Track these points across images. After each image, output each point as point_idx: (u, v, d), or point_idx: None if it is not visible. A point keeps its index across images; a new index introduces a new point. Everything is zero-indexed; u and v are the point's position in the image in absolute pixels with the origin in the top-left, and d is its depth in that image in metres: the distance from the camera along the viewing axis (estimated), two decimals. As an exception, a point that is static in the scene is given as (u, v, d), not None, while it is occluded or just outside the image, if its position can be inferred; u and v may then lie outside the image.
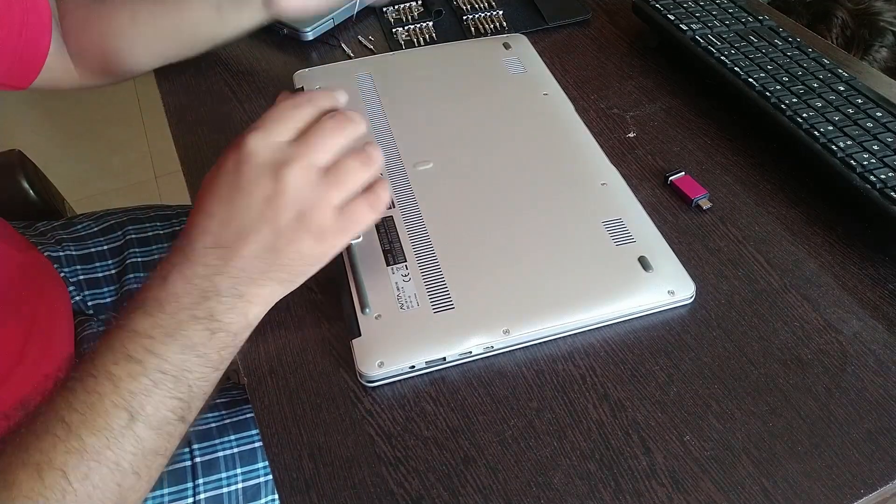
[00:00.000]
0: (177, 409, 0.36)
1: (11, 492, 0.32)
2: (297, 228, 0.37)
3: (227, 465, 0.57)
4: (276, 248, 0.37)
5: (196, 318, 0.36)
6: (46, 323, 0.58)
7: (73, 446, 0.33)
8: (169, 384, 0.36)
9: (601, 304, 0.46)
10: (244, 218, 0.37)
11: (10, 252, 0.58)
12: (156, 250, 0.73)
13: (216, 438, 0.58)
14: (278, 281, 0.39)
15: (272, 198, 0.37)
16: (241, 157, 0.37)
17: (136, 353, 0.35)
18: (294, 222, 0.37)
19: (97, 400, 0.34)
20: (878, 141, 0.53)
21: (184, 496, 0.56)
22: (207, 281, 0.37)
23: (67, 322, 0.63)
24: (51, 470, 0.32)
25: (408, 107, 0.59)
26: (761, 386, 0.43)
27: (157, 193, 1.75)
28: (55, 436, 0.33)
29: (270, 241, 0.37)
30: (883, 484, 0.39)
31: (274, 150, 0.37)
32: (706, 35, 0.65)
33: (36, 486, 0.32)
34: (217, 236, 0.37)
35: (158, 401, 0.35)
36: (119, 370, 0.35)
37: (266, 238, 0.37)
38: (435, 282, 0.47)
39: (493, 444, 0.41)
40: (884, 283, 0.49)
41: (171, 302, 0.36)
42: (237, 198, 0.37)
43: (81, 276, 0.69)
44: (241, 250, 0.37)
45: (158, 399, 0.35)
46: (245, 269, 0.37)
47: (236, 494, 0.57)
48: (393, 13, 0.75)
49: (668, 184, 0.56)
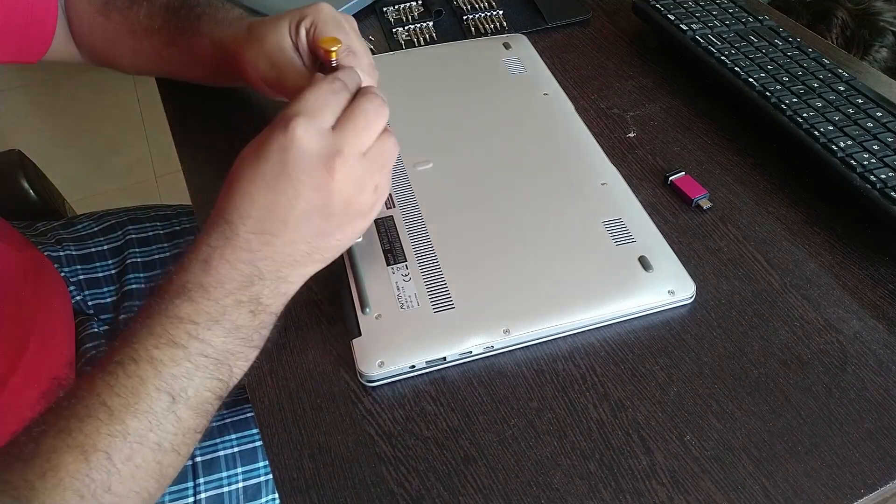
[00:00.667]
0: (216, 388, 0.37)
1: (58, 474, 0.32)
2: (345, 213, 0.38)
3: (227, 465, 0.57)
4: (323, 233, 0.38)
5: (240, 303, 0.37)
6: (46, 321, 0.58)
7: (116, 430, 0.33)
8: (210, 367, 0.36)
9: (601, 304, 0.46)
10: (292, 206, 0.37)
11: (10, 250, 0.58)
12: (156, 250, 0.73)
13: (217, 438, 0.58)
14: (321, 260, 0.40)
15: (322, 188, 0.37)
16: (287, 143, 0.36)
17: (180, 339, 0.35)
18: (343, 208, 0.38)
19: (139, 384, 0.34)
20: (878, 141, 0.53)
21: (184, 495, 0.56)
22: (252, 266, 0.37)
23: (67, 320, 0.63)
24: (95, 452, 0.33)
25: (408, 107, 0.59)
26: (761, 386, 0.43)
27: (157, 193, 1.75)
28: (98, 419, 0.33)
29: (319, 228, 0.38)
30: (883, 484, 0.39)
31: (321, 137, 0.37)
32: (706, 35, 0.65)
33: (81, 468, 0.32)
34: (260, 222, 0.37)
35: (199, 383, 0.36)
36: (161, 355, 0.35)
37: (315, 226, 0.38)
38: (435, 282, 0.47)
39: (493, 443, 0.41)
40: (884, 283, 0.49)
41: (216, 287, 0.36)
42: (284, 185, 0.37)
43: (81, 276, 0.69)
44: (288, 237, 0.38)
45: (199, 381, 0.36)
46: (290, 254, 0.38)
47: (237, 494, 0.57)
48: (393, 13, 0.75)
49: (668, 184, 0.56)
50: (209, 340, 0.36)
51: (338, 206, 0.38)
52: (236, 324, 0.37)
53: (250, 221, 0.37)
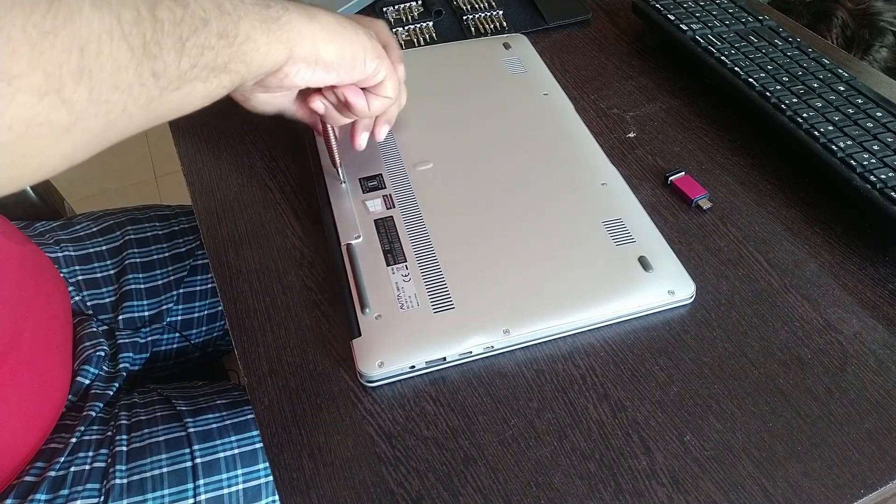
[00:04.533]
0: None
1: None
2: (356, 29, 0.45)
3: (227, 466, 0.57)
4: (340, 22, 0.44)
5: None
6: (43, 313, 0.58)
7: None
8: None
9: (601, 304, 0.46)
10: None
11: (9, 244, 0.58)
12: (154, 251, 0.73)
13: (217, 439, 0.58)
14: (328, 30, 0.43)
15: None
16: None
17: None
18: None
19: None
20: (878, 141, 0.53)
21: (184, 497, 0.56)
22: None
23: (65, 317, 0.63)
24: None
25: (408, 107, 0.59)
26: (761, 386, 0.43)
27: (157, 193, 1.75)
28: None
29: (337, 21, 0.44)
30: (883, 484, 0.39)
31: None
32: (706, 35, 0.65)
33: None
34: None
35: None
36: None
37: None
38: (435, 282, 0.47)
39: (493, 444, 0.41)
40: (884, 283, 0.49)
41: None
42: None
43: (80, 277, 0.68)
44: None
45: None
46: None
47: (237, 495, 0.57)
48: (393, 13, 0.75)
49: (668, 184, 0.56)
50: None
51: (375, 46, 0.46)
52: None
53: None
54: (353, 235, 0.50)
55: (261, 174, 0.58)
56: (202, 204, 0.56)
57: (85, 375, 0.61)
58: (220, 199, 0.57)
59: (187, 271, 0.74)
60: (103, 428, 0.58)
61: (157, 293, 0.72)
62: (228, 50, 0.35)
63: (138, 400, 0.61)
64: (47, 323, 0.58)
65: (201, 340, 0.77)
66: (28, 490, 0.52)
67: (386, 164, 0.55)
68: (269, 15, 0.38)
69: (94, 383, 0.62)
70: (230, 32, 0.35)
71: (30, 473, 0.53)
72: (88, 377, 0.61)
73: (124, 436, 0.57)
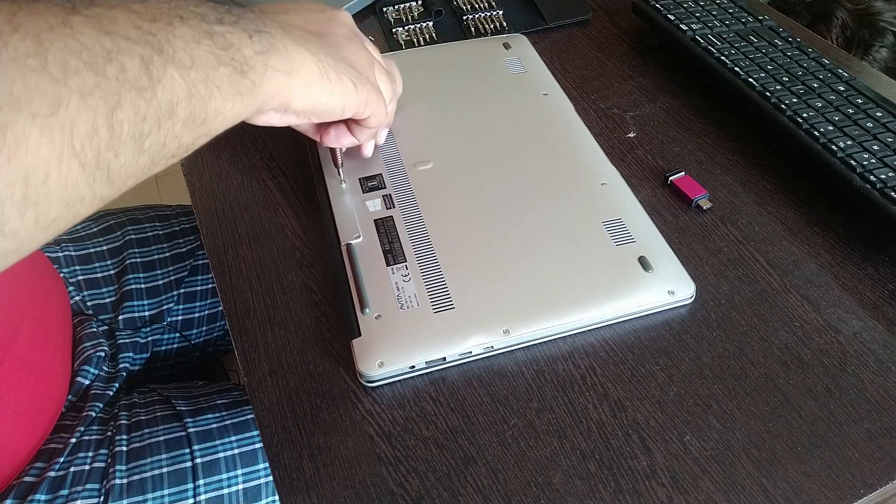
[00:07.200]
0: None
1: None
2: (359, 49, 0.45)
3: (227, 466, 0.57)
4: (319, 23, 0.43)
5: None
6: (40, 314, 0.58)
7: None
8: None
9: (601, 304, 0.46)
10: None
11: None
12: (155, 251, 0.73)
13: (217, 439, 0.58)
14: (316, 47, 0.39)
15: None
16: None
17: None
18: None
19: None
20: (878, 141, 0.53)
21: (184, 497, 0.56)
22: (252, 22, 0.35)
23: (64, 317, 0.63)
24: None
25: (407, 107, 0.59)
26: (761, 386, 0.43)
27: (157, 193, 1.75)
28: None
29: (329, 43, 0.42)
30: (883, 484, 0.39)
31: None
32: (706, 35, 0.65)
33: None
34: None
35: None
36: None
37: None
38: (435, 282, 0.47)
39: (493, 444, 0.41)
40: (884, 283, 0.49)
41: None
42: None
43: (80, 277, 0.69)
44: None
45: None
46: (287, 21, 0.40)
47: (237, 495, 0.57)
48: (393, 13, 0.75)
49: (668, 184, 0.56)
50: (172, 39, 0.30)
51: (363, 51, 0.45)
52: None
53: None
54: (353, 235, 0.50)
55: (261, 174, 0.58)
56: (202, 204, 0.56)
57: (85, 375, 0.61)
58: (220, 198, 0.57)
59: (188, 271, 0.74)
60: (103, 428, 0.58)
61: (158, 293, 0.72)
62: (192, 134, 0.32)
63: (138, 400, 0.61)
64: (45, 324, 0.58)
65: (201, 340, 0.77)
66: (28, 490, 0.52)
67: (386, 164, 0.55)
68: (243, 85, 0.34)
69: (94, 383, 0.62)
70: (198, 116, 0.32)
71: (29, 473, 0.53)
72: (88, 377, 0.61)
73: (124, 436, 0.57)
